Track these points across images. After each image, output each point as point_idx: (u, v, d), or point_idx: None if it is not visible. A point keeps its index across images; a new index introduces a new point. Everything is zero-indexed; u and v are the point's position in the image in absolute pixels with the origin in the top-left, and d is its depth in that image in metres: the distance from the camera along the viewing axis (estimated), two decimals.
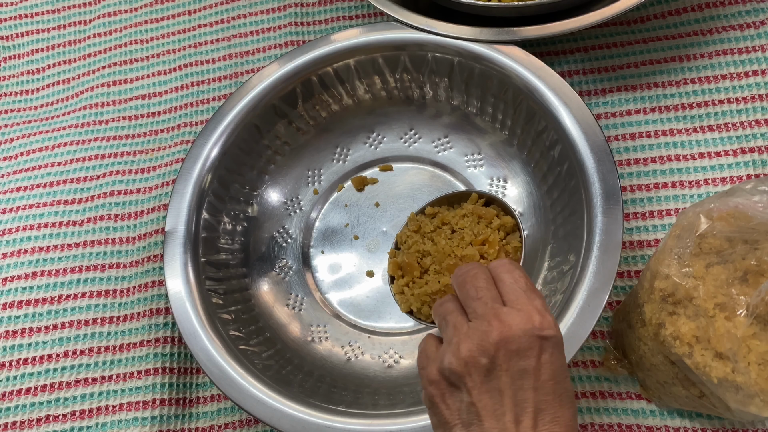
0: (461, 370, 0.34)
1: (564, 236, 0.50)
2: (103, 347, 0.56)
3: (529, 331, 0.33)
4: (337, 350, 0.53)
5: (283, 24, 0.67)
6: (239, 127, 0.55)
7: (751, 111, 0.55)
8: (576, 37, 0.61)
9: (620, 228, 0.45)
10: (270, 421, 0.45)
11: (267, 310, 0.54)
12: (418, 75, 0.57)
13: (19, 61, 0.71)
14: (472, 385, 0.34)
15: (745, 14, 0.58)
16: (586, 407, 0.50)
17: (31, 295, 0.58)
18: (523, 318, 0.34)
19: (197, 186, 0.54)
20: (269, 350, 0.51)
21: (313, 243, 0.58)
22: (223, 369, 0.46)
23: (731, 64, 0.57)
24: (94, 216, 0.61)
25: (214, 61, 0.67)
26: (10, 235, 0.60)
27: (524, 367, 0.33)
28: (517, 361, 0.33)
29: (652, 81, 0.58)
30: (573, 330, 0.43)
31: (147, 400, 0.53)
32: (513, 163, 0.56)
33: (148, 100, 0.67)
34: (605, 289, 0.43)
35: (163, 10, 0.70)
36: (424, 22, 0.55)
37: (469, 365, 0.34)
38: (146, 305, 0.56)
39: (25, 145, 0.66)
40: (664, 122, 0.56)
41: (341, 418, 0.44)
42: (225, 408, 0.54)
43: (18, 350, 0.56)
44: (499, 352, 0.33)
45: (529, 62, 0.52)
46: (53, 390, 0.54)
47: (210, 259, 0.53)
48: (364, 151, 0.60)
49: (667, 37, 0.59)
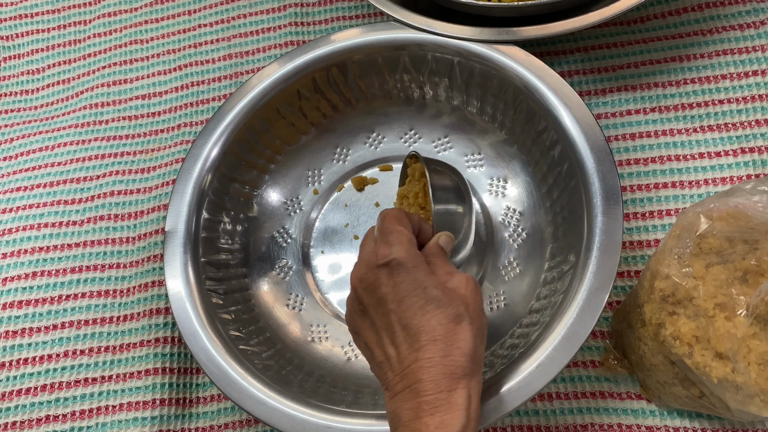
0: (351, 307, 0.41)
1: (564, 236, 0.50)
2: (103, 347, 0.56)
3: (372, 264, 0.39)
4: (337, 350, 0.53)
5: (283, 24, 0.67)
6: (239, 127, 0.55)
7: (751, 111, 0.55)
8: (576, 37, 0.61)
9: (620, 228, 0.45)
10: (270, 421, 0.45)
11: (267, 310, 0.54)
12: (418, 75, 0.57)
13: (19, 61, 0.71)
14: (362, 325, 0.40)
15: (745, 14, 0.58)
16: (586, 407, 0.50)
17: (31, 295, 0.58)
18: (366, 254, 0.40)
19: (197, 186, 0.53)
20: (269, 350, 0.51)
21: (313, 243, 0.58)
22: (223, 369, 0.46)
23: (731, 64, 0.57)
24: (94, 216, 0.61)
25: (214, 61, 0.67)
26: (10, 235, 0.60)
27: (378, 296, 0.38)
28: (372, 293, 0.39)
29: (652, 81, 0.58)
30: (573, 330, 0.43)
31: (147, 400, 0.53)
32: (513, 163, 0.56)
33: (148, 100, 0.67)
34: (605, 289, 0.43)
35: (163, 10, 0.70)
36: (424, 22, 0.55)
37: (351, 311, 0.41)
38: (146, 305, 0.56)
39: (25, 145, 0.66)
40: (664, 122, 0.56)
41: (341, 417, 0.44)
42: (225, 408, 0.54)
43: (18, 350, 0.56)
44: (359, 292, 0.40)
45: (529, 62, 0.52)
46: (53, 390, 0.54)
47: (210, 259, 0.53)
48: (364, 151, 0.60)
49: (667, 37, 0.59)
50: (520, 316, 0.50)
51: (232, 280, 0.54)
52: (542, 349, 0.43)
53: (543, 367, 0.42)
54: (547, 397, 0.50)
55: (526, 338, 0.46)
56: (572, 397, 0.50)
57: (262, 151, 0.58)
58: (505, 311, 0.52)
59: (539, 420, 0.50)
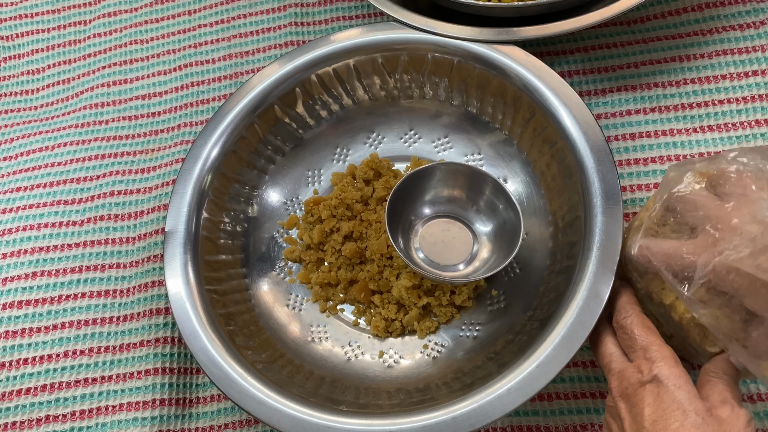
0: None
1: (564, 236, 0.50)
2: (103, 347, 0.56)
3: (635, 382, 0.38)
4: (337, 350, 0.53)
5: (283, 24, 0.67)
6: (239, 127, 0.55)
7: (751, 111, 0.55)
8: (576, 37, 0.61)
9: (620, 228, 0.45)
10: (270, 421, 0.44)
11: (267, 310, 0.54)
12: (418, 75, 0.57)
13: (19, 62, 0.71)
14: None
15: (745, 14, 0.58)
16: (586, 407, 0.50)
17: (31, 296, 0.58)
18: (623, 367, 0.39)
19: (197, 186, 0.53)
20: (269, 350, 0.51)
21: None
22: (223, 369, 0.46)
23: (731, 64, 0.57)
24: (94, 216, 0.61)
25: (214, 61, 0.67)
26: (10, 236, 0.60)
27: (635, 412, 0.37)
28: (631, 409, 0.37)
29: (652, 81, 0.58)
30: (573, 330, 0.43)
31: (147, 401, 0.53)
32: (513, 163, 0.56)
33: (148, 100, 0.66)
34: (605, 289, 0.43)
35: (163, 10, 0.70)
36: (424, 22, 0.55)
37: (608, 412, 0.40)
38: (146, 305, 0.56)
39: (25, 146, 0.66)
40: (664, 122, 0.56)
41: (341, 417, 0.44)
42: (225, 408, 0.54)
43: (18, 350, 0.56)
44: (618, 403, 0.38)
45: (529, 62, 0.52)
46: (53, 390, 0.54)
47: (210, 259, 0.53)
48: (364, 151, 0.60)
49: (667, 37, 0.59)
50: (520, 317, 0.50)
51: (232, 281, 0.54)
52: (542, 349, 0.43)
53: (543, 367, 0.42)
54: (547, 397, 0.50)
55: (526, 339, 0.46)
56: (572, 397, 0.50)
57: (262, 151, 0.58)
58: (505, 312, 0.52)
59: (539, 420, 0.50)
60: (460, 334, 0.52)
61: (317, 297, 0.55)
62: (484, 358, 0.49)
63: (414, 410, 0.44)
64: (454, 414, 0.42)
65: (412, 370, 0.51)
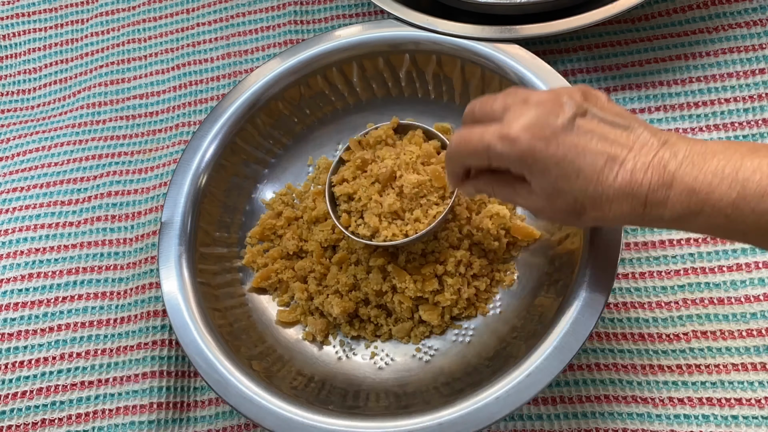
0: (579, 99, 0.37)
1: (563, 236, 0.49)
2: (100, 350, 0.55)
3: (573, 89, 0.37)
4: (328, 349, 0.52)
5: (282, 23, 0.67)
6: (239, 121, 0.55)
7: (758, 110, 0.54)
8: (579, 35, 0.60)
9: (620, 228, 0.45)
10: (270, 424, 0.44)
11: (260, 306, 0.54)
12: (420, 73, 0.57)
13: (16, 61, 0.71)
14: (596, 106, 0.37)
15: (751, 11, 0.57)
16: (590, 411, 0.49)
17: (27, 297, 0.57)
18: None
19: (195, 178, 0.53)
20: (260, 346, 0.51)
21: None
22: (220, 373, 0.46)
23: (737, 63, 0.56)
24: (91, 217, 0.60)
25: (212, 60, 0.66)
26: (6, 237, 0.60)
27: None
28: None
29: (657, 80, 0.57)
30: (573, 330, 0.42)
31: (144, 404, 0.52)
32: None
33: (146, 100, 0.66)
34: (605, 290, 0.43)
35: (161, 9, 0.70)
36: (425, 20, 0.54)
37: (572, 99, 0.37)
38: (143, 307, 0.56)
39: (21, 146, 0.66)
40: (669, 121, 0.56)
41: (341, 418, 0.44)
42: (223, 412, 0.53)
43: (14, 353, 0.55)
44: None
45: (531, 61, 0.52)
46: (49, 393, 0.54)
47: (205, 252, 0.53)
48: None
49: (672, 35, 0.58)
50: (519, 317, 0.49)
51: (226, 274, 0.54)
52: (540, 350, 0.42)
53: (541, 369, 0.42)
54: (551, 401, 0.49)
55: (524, 341, 0.46)
56: (576, 401, 0.49)
57: (262, 145, 0.58)
58: (504, 312, 0.51)
59: (543, 425, 0.49)
60: (453, 338, 0.51)
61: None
62: (477, 364, 0.48)
63: (400, 414, 0.43)
64: (440, 420, 0.42)
65: (404, 372, 0.50)
